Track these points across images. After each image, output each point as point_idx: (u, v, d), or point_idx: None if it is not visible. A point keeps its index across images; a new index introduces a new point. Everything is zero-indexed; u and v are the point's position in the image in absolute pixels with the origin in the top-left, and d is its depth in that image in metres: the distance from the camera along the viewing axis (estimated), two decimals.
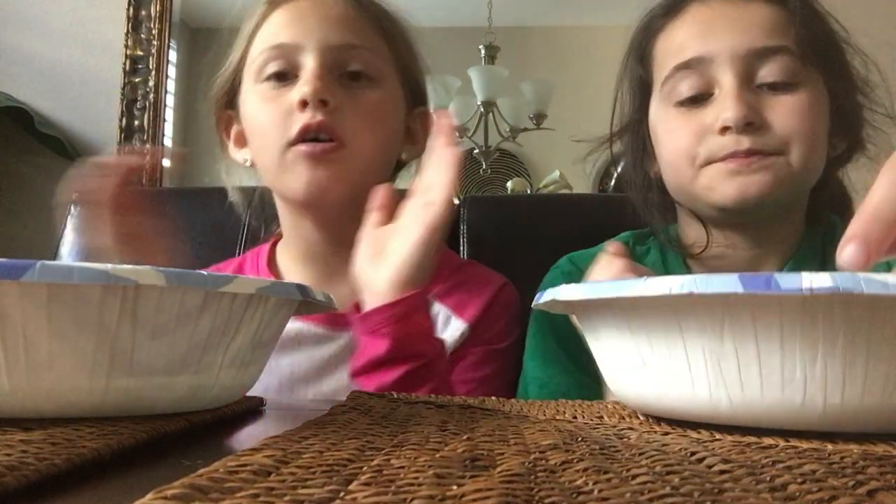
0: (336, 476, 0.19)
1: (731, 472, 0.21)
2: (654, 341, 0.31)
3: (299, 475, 0.19)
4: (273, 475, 0.19)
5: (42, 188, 1.89)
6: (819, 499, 0.18)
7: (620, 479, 0.20)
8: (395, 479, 0.19)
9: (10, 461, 0.20)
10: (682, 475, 0.20)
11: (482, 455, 0.23)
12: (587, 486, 0.19)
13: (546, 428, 0.31)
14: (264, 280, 0.33)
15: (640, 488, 0.18)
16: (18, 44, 1.95)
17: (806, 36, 0.64)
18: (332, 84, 0.68)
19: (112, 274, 0.28)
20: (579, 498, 0.17)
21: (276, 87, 0.70)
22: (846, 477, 0.20)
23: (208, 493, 0.17)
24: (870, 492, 0.18)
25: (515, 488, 0.18)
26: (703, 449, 0.25)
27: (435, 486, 0.18)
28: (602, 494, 0.18)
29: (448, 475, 0.19)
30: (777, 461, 0.23)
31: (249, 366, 0.36)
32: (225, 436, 0.34)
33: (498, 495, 0.17)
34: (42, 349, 0.28)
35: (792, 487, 0.19)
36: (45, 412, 0.29)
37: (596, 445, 0.26)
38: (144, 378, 0.31)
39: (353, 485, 0.18)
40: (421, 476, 0.19)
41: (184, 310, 0.31)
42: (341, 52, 0.70)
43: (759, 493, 0.18)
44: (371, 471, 0.20)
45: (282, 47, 0.70)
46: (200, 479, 0.17)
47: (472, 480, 0.19)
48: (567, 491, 0.18)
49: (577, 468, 0.21)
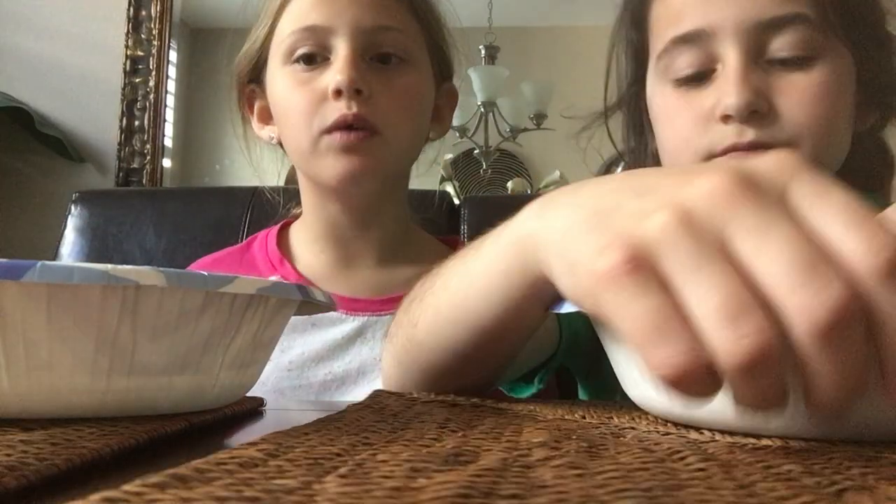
0: (317, 469, 0.19)
1: (705, 471, 0.21)
2: None
3: (284, 468, 0.19)
4: (259, 467, 0.19)
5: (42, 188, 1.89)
6: (781, 496, 0.17)
7: (589, 474, 0.20)
8: (372, 472, 0.19)
9: (10, 461, 0.20)
10: (652, 472, 0.20)
11: (467, 451, 0.23)
12: (550, 481, 0.19)
13: (546, 426, 0.31)
14: (265, 280, 0.33)
15: (602, 483, 0.18)
16: (18, 44, 1.95)
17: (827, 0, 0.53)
18: (366, 70, 0.67)
19: (112, 274, 0.28)
20: (536, 491, 0.18)
21: (307, 71, 0.69)
22: (822, 477, 0.20)
23: (187, 483, 0.17)
24: (839, 491, 0.18)
25: (479, 481, 0.18)
26: (692, 449, 0.25)
27: (404, 478, 0.18)
28: (559, 488, 0.18)
29: (423, 469, 0.20)
30: (759, 461, 0.23)
31: (250, 366, 0.36)
32: (225, 436, 0.34)
33: (457, 487, 0.17)
34: (42, 349, 0.28)
35: (759, 485, 0.19)
36: (45, 412, 0.30)
37: (585, 443, 0.26)
38: (144, 378, 0.31)
39: (328, 476, 0.18)
40: (397, 470, 0.19)
41: (184, 310, 0.31)
42: (374, 35, 0.68)
43: (720, 489, 0.18)
44: (353, 464, 0.20)
45: (313, 30, 0.68)
46: (185, 470, 0.18)
47: (442, 474, 0.19)
48: (528, 485, 0.18)
49: (553, 464, 0.21)
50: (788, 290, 0.22)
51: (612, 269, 0.25)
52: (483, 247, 0.39)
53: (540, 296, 0.36)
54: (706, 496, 0.17)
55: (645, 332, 0.24)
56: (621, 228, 0.26)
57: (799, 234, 0.23)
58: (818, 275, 0.22)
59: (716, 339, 0.23)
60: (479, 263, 0.39)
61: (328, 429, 0.27)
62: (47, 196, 1.87)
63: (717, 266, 0.23)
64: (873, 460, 0.23)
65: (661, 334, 0.23)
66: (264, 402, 0.44)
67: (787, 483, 0.19)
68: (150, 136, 1.96)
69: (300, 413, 0.45)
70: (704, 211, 0.25)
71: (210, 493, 0.16)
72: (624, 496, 0.17)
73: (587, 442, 0.26)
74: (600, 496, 0.17)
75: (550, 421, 0.33)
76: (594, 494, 0.17)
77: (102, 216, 0.99)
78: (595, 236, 0.27)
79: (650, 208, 0.26)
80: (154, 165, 1.97)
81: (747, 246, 0.24)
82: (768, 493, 0.18)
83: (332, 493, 0.16)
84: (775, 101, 0.53)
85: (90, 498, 0.15)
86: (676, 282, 0.24)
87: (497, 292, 0.38)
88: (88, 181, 1.90)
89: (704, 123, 0.55)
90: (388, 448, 0.23)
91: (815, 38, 0.53)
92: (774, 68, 0.54)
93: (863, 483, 0.19)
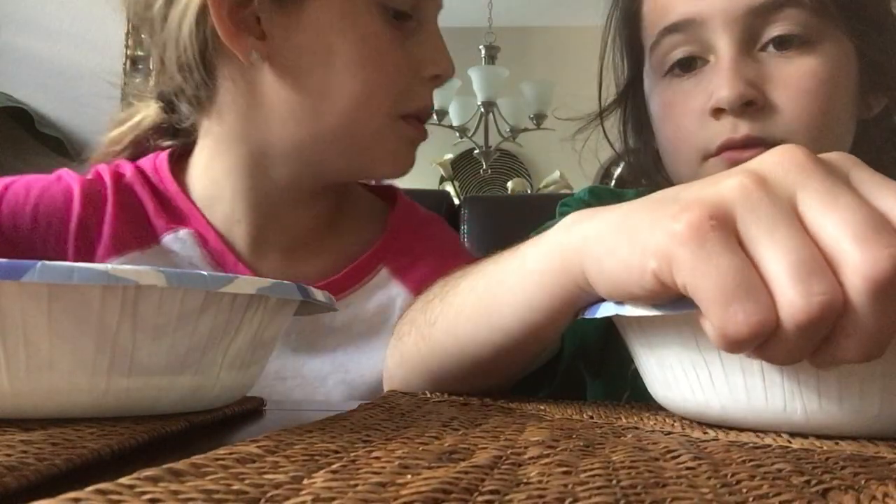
0: (311, 465, 0.19)
1: (693, 469, 0.21)
2: (725, 354, 0.30)
3: (279, 464, 0.19)
4: (256, 463, 0.19)
5: None
6: (761, 494, 0.17)
7: (575, 472, 0.20)
8: (362, 468, 0.19)
9: (10, 461, 0.20)
10: (638, 470, 0.20)
11: (462, 449, 0.23)
12: (535, 478, 0.19)
13: (549, 426, 0.31)
14: (265, 280, 0.33)
15: (583, 480, 0.18)
16: (18, 44, 1.95)
17: None
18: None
19: (112, 274, 0.28)
20: (518, 488, 0.18)
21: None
22: (811, 476, 0.20)
23: (181, 476, 0.17)
24: (825, 490, 0.18)
25: (463, 478, 0.18)
26: (688, 448, 0.25)
27: (391, 475, 0.18)
28: (541, 485, 0.18)
29: (413, 466, 0.20)
30: (751, 459, 0.23)
31: (250, 366, 0.36)
32: (225, 436, 0.34)
33: (439, 483, 0.17)
34: (42, 349, 0.28)
35: (743, 484, 0.19)
36: (45, 412, 0.30)
37: (582, 442, 0.26)
38: (144, 378, 0.31)
39: (319, 472, 0.18)
40: (388, 466, 0.19)
41: (184, 310, 0.31)
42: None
43: (701, 487, 0.18)
44: (347, 461, 0.20)
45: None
46: (181, 465, 0.18)
47: (430, 471, 0.19)
48: (512, 482, 0.18)
49: (543, 462, 0.21)
50: (853, 247, 0.24)
51: (695, 225, 0.26)
52: (520, 250, 0.39)
53: (574, 302, 0.36)
54: (685, 494, 0.17)
55: (728, 290, 0.25)
56: (694, 195, 0.27)
57: (863, 202, 0.25)
58: (880, 236, 0.24)
59: (789, 296, 0.24)
60: (515, 265, 0.39)
61: (332, 427, 0.27)
62: None
63: (793, 227, 0.25)
64: (869, 461, 0.23)
65: (746, 291, 0.24)
66: (265, 401, 0.44)
67: (773, 482, 0.19)
68: None
69: (302, 413, 0.45)
70: (777, 175, 0.26)
71: (199, 487, 0.16)
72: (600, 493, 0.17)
73: (585, 441, 0.26)
74: (578, 493, 0.17)
75: (556, 420, 0.33)
76: (572, 492, 0.17)
77: None
78: (662, 209, 0.28)
79: (715, 184, 0.27)
80: None
81: (815, 209, 0.25)
82: (751, 491, 0.18)
83: (317, 488, 0.16)
84: (770, 94, 0.51)
85: (84, 490, 0.15)
86: (753, 240, 0.25)
87: (532, 295, 0.37)
88: None
89: (700, 119, 0.54)
90: (386, 446, 0.23)
91: (811, 24, 0.51)
92: (769, 58, 0.52)
93: (852, 483, 0.19)
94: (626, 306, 0.31)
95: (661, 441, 0.27)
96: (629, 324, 0.35)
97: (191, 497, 0.15)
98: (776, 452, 0.25)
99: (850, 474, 0.21)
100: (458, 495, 0.16)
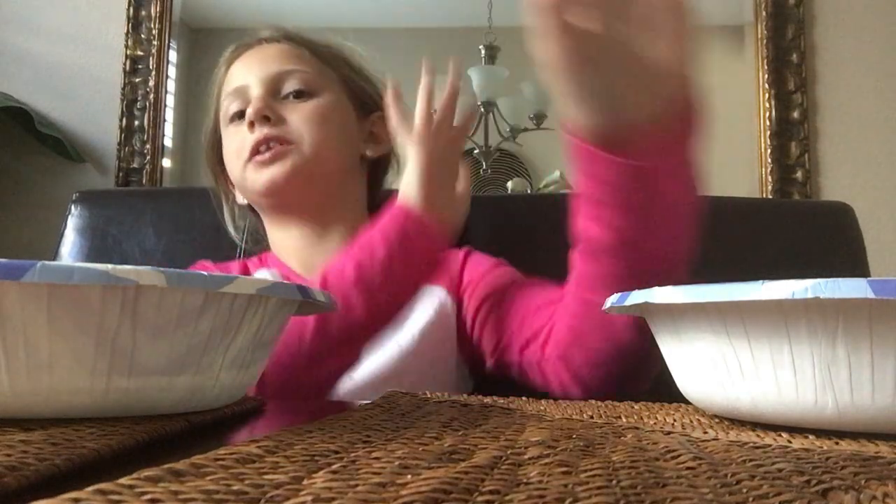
0: (311, 465, 0.19)
1: (693, 469, 0.21)
2: (755, 345, 0.30)
3: (279, 464, 0.19)
4: (256, 463, 0.19)
5: (42, 188, 1.89)
6: (761, 494, 0.17)
7: (575, 472, 0.20)
8: (362, 468, 0.19)
9: (10, 461, 0.20)
10: (638, 470, 0.20)
11: (462, 449, 0.23)
12: (535, 478, 0.19)
13: (549, 426, 0.31)
14: (264, 280, 0.33)
15: (583, 480, 0.18)
16: (18, 44, 1.95)
17: None
18: (274, 103, 0.79)
19: (112, 274, 0.28)
20: (518, 488, 0.18)
21: (238, 124, 0.81)
22: (811, 476, 0.20)
23: (181, 477, 0.17)
24: (825, 490, 0.18)
25: (463, 478, 0.18)
26: (688, 448, 0.25)
27: (391, 475, 0.18)
28: (541, 485, 0.18)
29: (413, 466, 0.20)
30: (751, 459, 0.23)
31: (250, 366, 0.36)
32: (225, 436, 0.34)
33: (439, 483, 0.17)
34: (42, 349, 0.28)
35: (743, 484, 0.19)
36: (45, 412, 0.29)
37: (582, 442, 0.26)
38: (144, 378, 0.31)
39: (319, 472, 0.18)
40: (388, 467, 0.19)
41: (184, 310, 0.31)
42: (279, 78, 0.81)
43: (701, 487, 0.18)
44: (347, 461, 0.20)
45: (236, 91, 0.82)
46: (182, 465, 0.18)
47: (431, 471, 0.19)
48: (512, 482, 0.18)
49: (543, 462, 0.21)
50: None
51: None
52: None
53: None
54: (685, 494, 0.17)
55: None
56: None
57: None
58: None
59: None
60: None
61: (333, 427, 0.27)
62: (47, 196, 1.87)
63: None
64: (869, 461, 0.23)
65: None
66: (265, 401, 0.44)
67: (773, 482, 0.19)
68: (150, 136, 1.96)
69: (302, 413, 0.45)
70: None
71: (199, 487, 0.16)
72: (600, 493, 0.17)
73: (585, 441, 0.26)
74: (578, 493, 0.17)
75: (556, 420, 0.33)
76: (572, 492, 0.17)
77: (102, 216, 0.99)
78: None
79: None
80: (154, 165, 1.96)
81: None
82: (750, 491, 0.18)
83: (317, 488, 0.16)
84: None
85: (84, 490, 0.15)
86: None
87: None
88: (88, 181, 1.90)
89: None
90: (386, 446, 0.23)
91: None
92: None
93: (852, 483, 0.19)
94: (655, 292, 0.31)
95: (661, 441, 0.27)
96: (658, 313, 0.35)
97: (191, 497, 0.15)
98: (776, 452, 0.25)
99: (850, 474, 0.20)
100: (458, 495, 0.16)
